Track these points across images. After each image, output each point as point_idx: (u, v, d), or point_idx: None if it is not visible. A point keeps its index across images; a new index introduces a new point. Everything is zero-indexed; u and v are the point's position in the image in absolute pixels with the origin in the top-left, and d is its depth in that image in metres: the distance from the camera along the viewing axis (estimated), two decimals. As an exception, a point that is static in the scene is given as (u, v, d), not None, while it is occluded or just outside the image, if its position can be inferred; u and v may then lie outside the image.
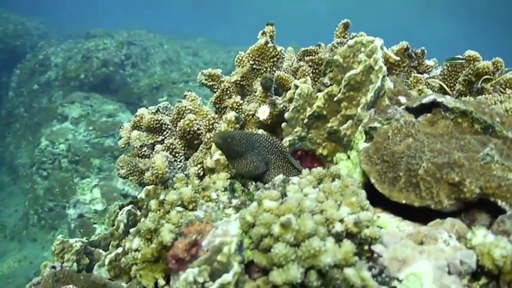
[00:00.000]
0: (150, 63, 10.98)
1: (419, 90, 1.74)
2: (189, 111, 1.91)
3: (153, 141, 1.74)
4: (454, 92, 1.86)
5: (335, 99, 1.41)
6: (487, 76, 1.90)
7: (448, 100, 1.26)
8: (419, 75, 1.89)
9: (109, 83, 9.90)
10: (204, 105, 2.04)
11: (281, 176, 1.17)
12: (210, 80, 2.04)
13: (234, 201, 1.25)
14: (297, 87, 1.59)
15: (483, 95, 1.68)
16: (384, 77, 1.32)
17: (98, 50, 9.98)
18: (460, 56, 1.90)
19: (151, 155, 1.79)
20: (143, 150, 1.79)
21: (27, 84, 10.76)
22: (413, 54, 1.94)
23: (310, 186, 1.11)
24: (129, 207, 1.50)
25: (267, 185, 1.16)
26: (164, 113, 2.03)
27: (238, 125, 1.61)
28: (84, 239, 1.60)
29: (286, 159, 1.38)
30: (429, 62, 2.18)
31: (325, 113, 1.45)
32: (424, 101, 1.31)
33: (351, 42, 1.45)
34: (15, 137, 10.22)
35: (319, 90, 1.52)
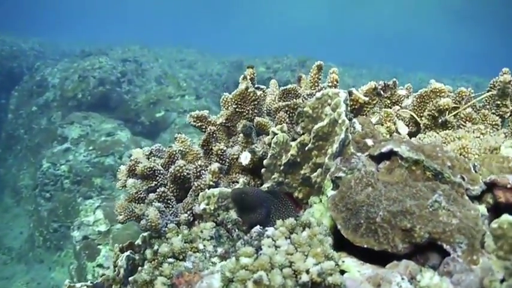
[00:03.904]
0: (146, 79, 11.15)
1: (387, 127, 1.90)
2: (179, 154, 2.07)
3: (147, 187, 1.91)
4: (422, 125, 2.02)
5: (306, 148, 1.57)
6: (454, 105, 2.07)
7: (403, 150, 1.43)
8: (389, 110, 2.06)
9: (106, 101, 10.07)
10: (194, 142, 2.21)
11: (257, 228, 1.33)
12: (198, 121, 2.21)
13: (219, 250, 1.42)
14: (274, 134, 1.76)
15: (445, 131, 1.85)
16: (347, 129, 1.49)
17: (94, 69, 10.15)
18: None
19: (146, 198, 1.96)
20: (139, 193, 1.95)
21: (25, 105, 10.94)
22: (381, 92, 2.10)
23: (282, 237, 1.28)
24: (128, 252, 1.67)
25: (245, 237, 1.33)
26: (157, 155, 2.19)
27: (221, 175, 1.77)
28: (89, 283, 1.76)
29: (284, 209, 1.56)
30: (402, 92, 2.34)
31: (299, 160, 1.62)
32: (383, 150, 1.47)
33: (318, 94, 1.62)
34: (16, 159, 10.40)
35: (294, 138, 1.69)
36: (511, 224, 1.17)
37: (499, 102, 2.00)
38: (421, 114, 2.15)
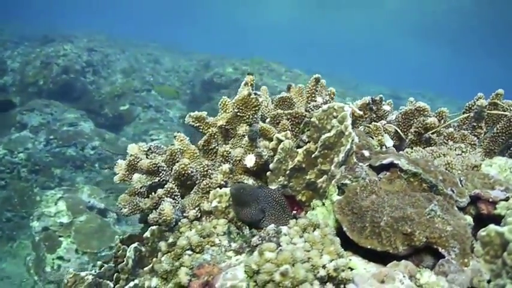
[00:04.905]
0: (112, 71, 10.96)
1: (379, 140, 2.08)
2: (179, 151, 2.16)
3: (151, 182, 1.98)
4: (407, 140, 2.22)
5: (313, 155, 1.71)
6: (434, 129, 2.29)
7: (402, 163, 1.60)
8: (378, 124, 2.24)
9: (70, 90, 9.82)
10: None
11: (273, 226, 1.46)
12: (197, 121, 2.30)
13: (233, 245, 1.53)
14: (279, 140, 1.89)
15: (430, 147, 2.05)
16: (352, 141, 1.64)
17: (58, 56, 9.88)
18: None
19: (147, 193, 2.03)
20: (140, 188, 2.02)
21: (-19, 88, 10.46)
22: (373, 106, 2.29)
23: (297, 236, 1.41)
24: (136, 244, 1.74)
25: (262, 234, 1.45)
26: (155, 152, 2.26)
27: (231, 175, 1.89)
28: (93, 272, 1.82)
29: (280, 209, 1.68)
30: (386, 107, 2.54)
31: (304, 166, 1.75)
32: (384, 162, 1.64)
33: (325, 107, 1.77)
34: (-30, 144, 9.92)
35: (298, 145, 1.83)
36: (497, 233, 1.37)
37: (475, 124, 2.23)
38: (405, 130, 2.35)
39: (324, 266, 1.28)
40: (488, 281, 1.32)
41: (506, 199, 1.59)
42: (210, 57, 13.64)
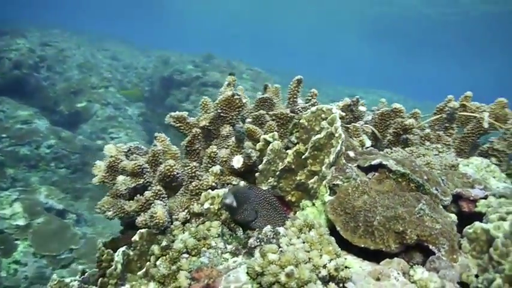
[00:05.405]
0: (67, 66, 10.56)
1: (360, 141, 2.14)
2: (161, 152, 2.12)
3: (135, 184, 1.94)
4: (386, 141, 2.30)
5: (303, 157, 1.74)
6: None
7: (391, 164, 1.66)
8: (357, 125, 2.30)
9: (22, 86, 9.38)
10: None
11: (269, 227, 1.47)
12: (178, 122, 2.27)
13: (229, 247, 1.53)
14: (266, 141, 1.90)
15: (409, 147, 2.13)
16: (342, 142, 1.68)
17: (10, 50, 9.40)
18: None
19: (129, 194, 1.98)
20: (123, 189, 1.97)
21: None
22: (353, 108, 2.35)
23: (295, 237, 1.43)
24: (124, 248, 1.70)
25: (259, 236, 1.46)
26: (135, 153, 2.22)
27: (222, 176, 1.88)
28: (77, 277, 1.76)
29: (272, 209, 1.68)
30: (362, 108, 2.62)
31: (293, 167, 1.78)
32: (373, 162, 1.69)
33: (313, 109, 1.80)
34: None
35: (287, 147, 1.85)
36: (483, 230, 1.45)
37: (447, 125, 2.34)
38: (381, 130, 2.43)
39: (324, 266, 1.31)
40: (476, 276, 1.40)
41: (485, 197, 1.68)
42: (169, 53, 13.43)
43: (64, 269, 5.60)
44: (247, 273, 1.31)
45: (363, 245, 1.49)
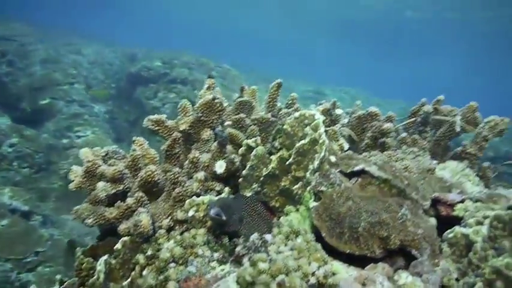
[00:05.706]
0: (30, 62, 10.18)
1: (339, 145, 2.17)
2: (140, 156, 2.09)
3: (115, 191, 1.90)
4: (363, 144, 2.34)
5: (287, 163, 1.75)
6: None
7: (373, 169, 1.69)
8: (336, 128, 2.33)
9: (-19, 82, 8.98)
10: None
11: (256, 235, 1.47)
12: (156, 125, 2.24)
13: (215, 255, 1.52)
14: (249, 146, 1.90)
15: (386, 151, 2.18)
16: (326, 148, 1.70)
17: (-33, 44, 8.97)
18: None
19: (108, 200, 1.94)
20: (103, 196, 1.92)
21: None
22: (332, 112, 2.38)
23: (283, 244, 1.44)
24: (106, 256, 1.66)
25: (247, 244, 1.46)
26: (113, 157, 2.17)
27: (206, 182, 1.86)
28: (56, 287, 1.71)
29: (258, 217, 1.69)
30: (338, 111, 2.65)
31: (277, 172, 1.79)
32: (356, 169, 1.72)
33: (296, 114, 1.81)
34: None
35: (270, 152, 1.86)
36: (463, 235, 1.50)
37: (421, 129, 2.41)
38: (358, 133, 2.48)
39: (313, 274, 1.33)
40: (457, 279, 1.45)
41: (462, 201, 1.74)
42: (136, 49, 13.18)
43: (30, 273, 5.42)
44: (237, 282, 1.31)
45: (348, 251, 1.52)
